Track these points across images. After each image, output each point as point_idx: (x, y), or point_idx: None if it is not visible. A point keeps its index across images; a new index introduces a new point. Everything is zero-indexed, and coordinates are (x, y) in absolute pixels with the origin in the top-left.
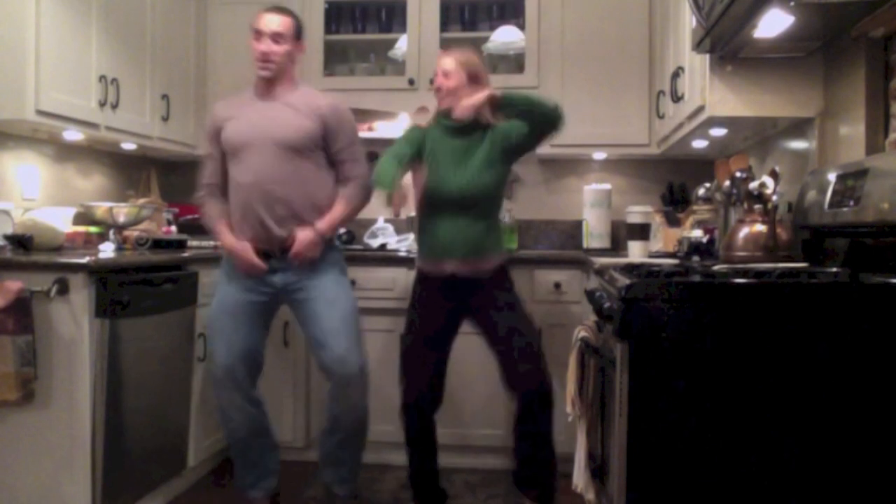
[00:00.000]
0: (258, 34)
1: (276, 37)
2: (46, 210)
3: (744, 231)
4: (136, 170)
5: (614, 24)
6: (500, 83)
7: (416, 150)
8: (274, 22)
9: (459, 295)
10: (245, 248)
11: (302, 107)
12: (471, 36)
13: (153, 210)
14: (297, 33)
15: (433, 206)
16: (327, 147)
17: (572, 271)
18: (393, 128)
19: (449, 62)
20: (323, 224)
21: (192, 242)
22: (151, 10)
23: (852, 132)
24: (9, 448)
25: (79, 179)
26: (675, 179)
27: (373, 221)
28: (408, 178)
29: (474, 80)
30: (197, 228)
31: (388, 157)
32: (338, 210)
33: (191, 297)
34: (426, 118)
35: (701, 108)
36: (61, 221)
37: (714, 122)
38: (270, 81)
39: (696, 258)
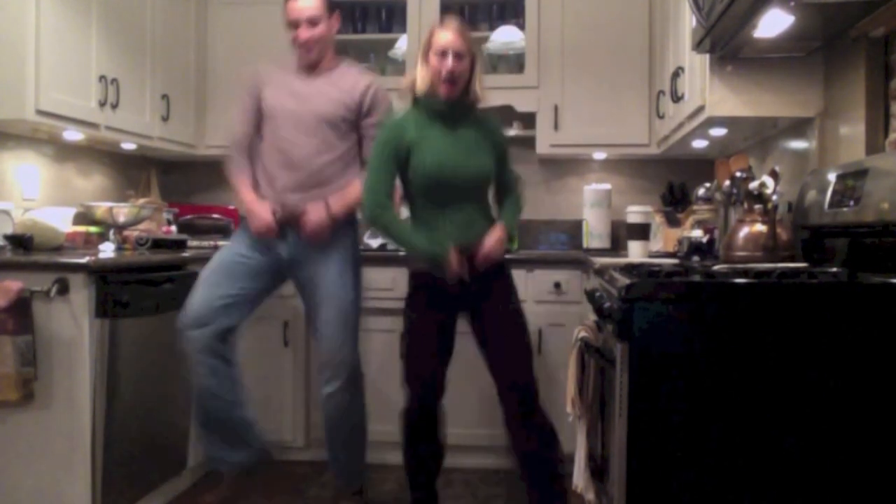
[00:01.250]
0: (294, 23)
1: (312, 20)
2: (46, 210)
3: (744, 231)
4: (136, 170)
5: (614, 24)
6: (500, 83)
7: (398, 159)
8: (306, 7)
9: (460, 291)
10: (264, 207)
11: (344, 84)
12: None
13: (153, 210)
14: (330, 8)
15: (432, 194)
16: (358, 124)
17: (572, 271)
18: None
19: (460, 44)
20: (336, 204)
21: (192, 242)
22: (151, 10)
23: (852, 132)
24: (9, 448)
25: (79, 179)
26: (675, 179)
27: None
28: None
29: (474, 61)
30: (197, 228)
31: (399, 227)
32: (353, 191)
33: None
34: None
35: (701, 108)
36: (61, 221)
37: (714, 122)
38: (315, 61)
39: (696, 258)
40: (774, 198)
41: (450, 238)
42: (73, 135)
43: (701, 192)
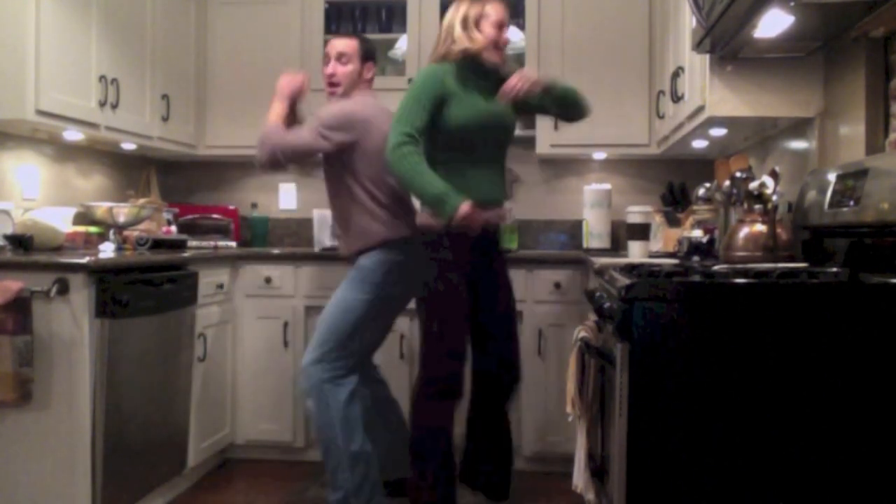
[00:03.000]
0: (326, 58)
1: (341, 57)
2: (46, 210)
3: (744, 231)
4: (136, 170)
5: (614, 24)
6: None
7: (436, 102)
8: (338, 44)
9: (482, 254)
10: None
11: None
12: None
13: (153, 210)
14: (365, 54)
15: (465, 147)
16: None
17: (572, 271)
18: None
19: (505, 14)
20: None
21: (192, 242)
22: (151, 10)
23: (852, 132)
24: (9, 448)
25: (79, 179)
26: (675, 179)
27: None
28: None
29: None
30: (197, 228)
31: (420, 164)
32: (290, 133)
33: (191, 297)
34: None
35: (701, 108)
36: (61, 221)
37: (714, 122)
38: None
39: (696, 258)
40: (774, 198)
41: (476, 191)
42: (73, 135)
43: (701, 192)
